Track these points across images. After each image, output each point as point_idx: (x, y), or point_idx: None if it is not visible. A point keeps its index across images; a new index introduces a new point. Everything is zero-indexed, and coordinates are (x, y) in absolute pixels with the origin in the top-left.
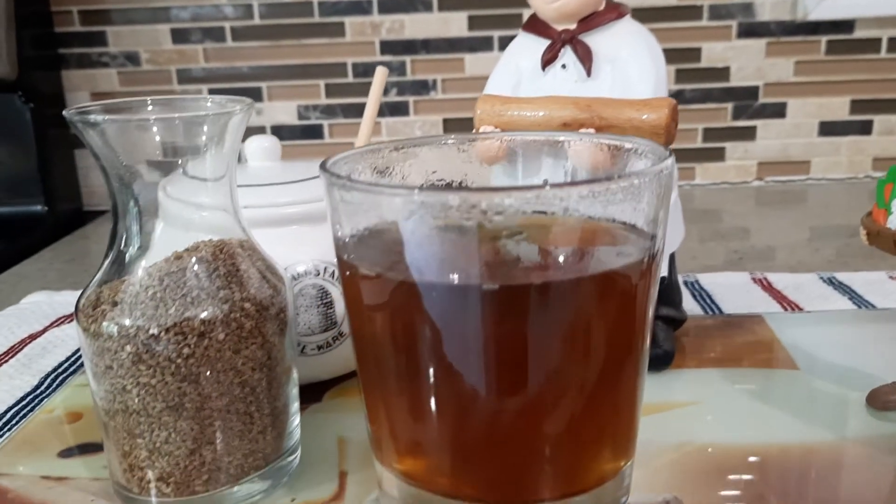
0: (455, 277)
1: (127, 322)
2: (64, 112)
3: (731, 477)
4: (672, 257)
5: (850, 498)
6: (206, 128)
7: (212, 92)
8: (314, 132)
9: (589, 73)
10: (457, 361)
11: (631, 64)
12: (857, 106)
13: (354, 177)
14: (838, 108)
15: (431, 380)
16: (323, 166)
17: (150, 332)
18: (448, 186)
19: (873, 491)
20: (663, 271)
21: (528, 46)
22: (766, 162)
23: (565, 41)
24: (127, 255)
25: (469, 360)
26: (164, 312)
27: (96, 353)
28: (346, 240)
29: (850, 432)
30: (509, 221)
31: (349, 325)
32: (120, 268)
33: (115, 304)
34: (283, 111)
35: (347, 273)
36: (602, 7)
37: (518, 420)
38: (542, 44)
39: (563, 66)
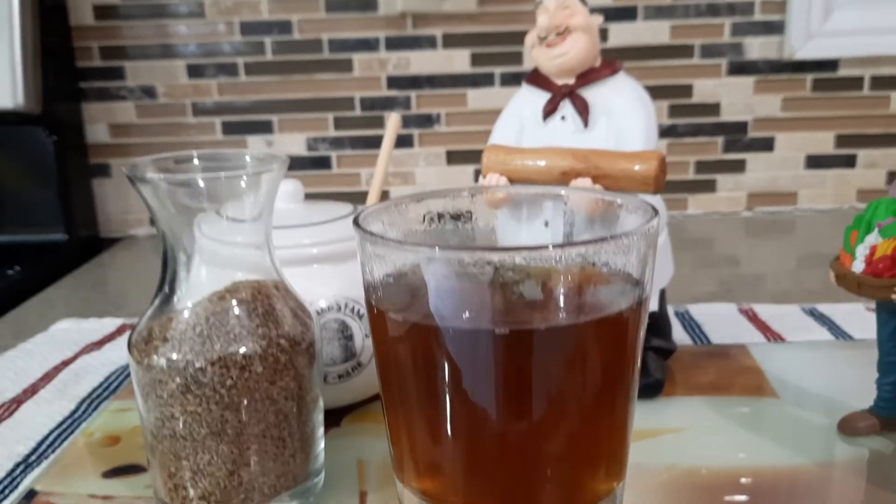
0: (468, 321)
1: (176, 356)
2: (122, 168)
3: (713, 498)
4: (662, 292)
5: None
6: (245, 182)
7: (224, 124)
8: (323, 163)
9: (586, 125)
10: (470, 393)
11: (625, 117)
12: (841, 140)
13: (379, 227)
14: (824, 142)
15: (447, 409)
16: (356, 222)
17: (198, 365)
18: (458, 218)
19: None
20: (654, 306)
21: (531, 98)
22: (756, 193)
23: (565, 94)
24: (175, 296)
25: (481, 392)
26: (209, 348)
27: (148, 384)
28: (375, 284)
29: (822, 457)
30: (516, 271)
31: (375, 358)
32: (168, 306)
33: (165, 339)
34: (294, 143)
35: (375, 312)
36: (598, 63)
37: (523, 445)
38: (544, 96)
39: (563, 118)
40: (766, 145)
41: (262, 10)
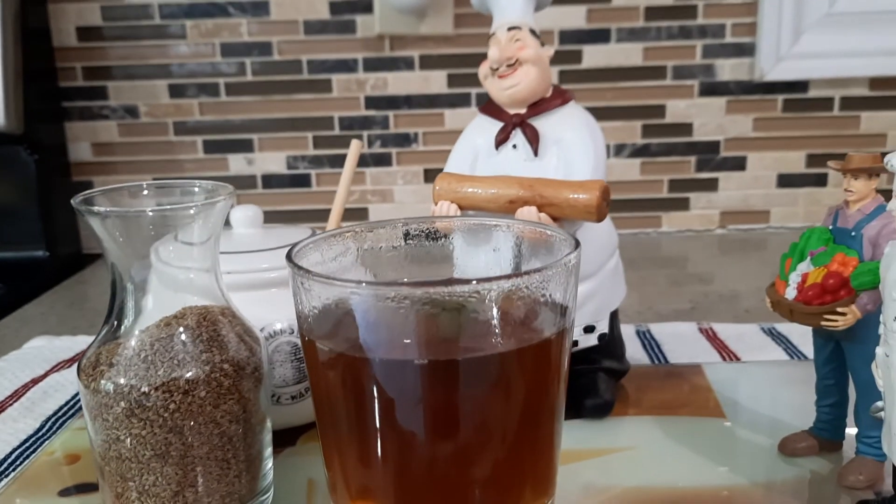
0: (394, 353)
1: (122, 381)
2: (71, 201)
3: None
4: (615, 314)
5: None
6: (192, 212)
7: (206, 143)
8: (302, 181)
9: (536, 154)
10: (397, 420)
11: (573, 147)
12: (812, 160)
13: (319, 256)
14: (795, 161)
15: (376, 435)
16: (288, 257)
17: (142, 389)
18: (425, 236)
19: None
20: (605, 328)
21: (485, 127)
22: (728, 211)
23: (516, 124)
24: (123, 324)
25: (407, 420)
26: (153, 373)
27: (95, 407)
28: (306, 314)
29: (762, 478)
30: (438, 305)
31: (310, 385)
32: (116, 332)
33: (111, 364)
34: (273, 161)
35: (307, 340)
36: (549, 94)
37: (450, 467)
38: (497, 125)
39: (514, 146)
40: (739, 164)
41: (243, 31)
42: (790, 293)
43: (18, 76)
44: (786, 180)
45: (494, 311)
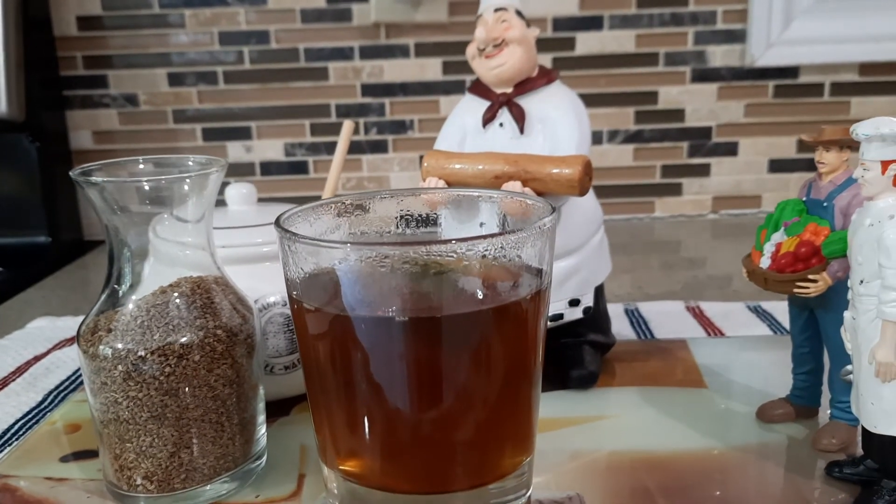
0: (378, 311)
1: (119, 346)
2: (70, 172)
3: (636, 479)
4: (600, 288)
5: (732, 496)
6: (187, 185)
7: (205, 130)
8: (300, 168)
9: (522, 131)
10: (382, 380)
11: (559, 124)
12: (803, 145)
13: (307, 227)
14: (786, 147)
15: (363, 395)
16: (277, 221)
17: (139, 354)
18: (415, 220)
19: (753, 490)
20: (590, 301)
21: (472, 106)
22: (721, 196)
23: (503, 103)
24: (120, 290)
25: (392, 379)
26: (150, 338)
27: (93, 372)
28: (295, 279)
29: (739, 441)
30: (421, 264)
31: (299, 351)
32: (114, 300)
33: (109, 330)
34: (271, 149)
35: (295, 307)
36: (535, 73)
37: (433, 426)
38: (484, 104)
39: (501, 125)
40: (730, 150)
41: (241, 20)
42: (765, 262)
43: (20, 65)
44: (777, 165)
45: (473, 270)
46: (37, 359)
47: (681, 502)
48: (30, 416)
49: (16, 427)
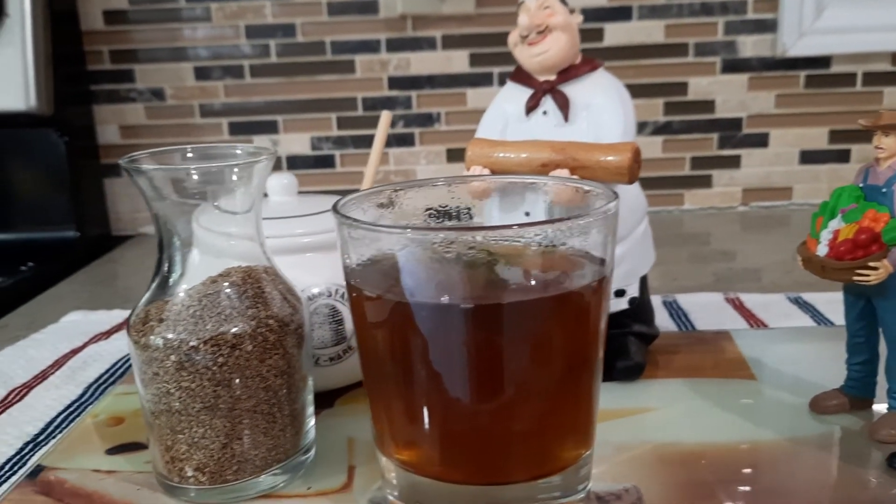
0: (440, 298)
1: (171, 336)
2: (119, 161)
3: (687, 472)
4: (644, 279)
5: (788, 487)
6: (235, 173)
7: (231, 125)
8: (326, 162)
9: (566, 119)
10: (442, 368)
11: (603, 111)
12: (835, 136)
13: (360, 213)
14: (817, 138)
15: (422, 384)
16: (335, 208)
17: (191, 344)
18: (446, 215)
19: (808, 481)
20: (635, 292)
21: (514, 94)
22: (751, 188)
23: (546, 91)
24: (170, 280)
25: (452, 367)
26: (202, 328)
27: (145, 363)
28: (353, 267)
29: (792, 433)
30: (483, 251)
31: (356, 339)
32: (164, 290)
33: (161, 320)
34: (298, 143)
35: (354, 295)
36: (579, 60)
37: (493, 416)
38: (527, 92)
39: (545, 113)
40: (761, 141)
41: (267, 13)
42: (822, 250)
43: (48, 59)
44: (808, 157)
45: (535, 257)
46: (74, 352)
47: (739, 494)
48: (71, 409)
49: (58, 419)
